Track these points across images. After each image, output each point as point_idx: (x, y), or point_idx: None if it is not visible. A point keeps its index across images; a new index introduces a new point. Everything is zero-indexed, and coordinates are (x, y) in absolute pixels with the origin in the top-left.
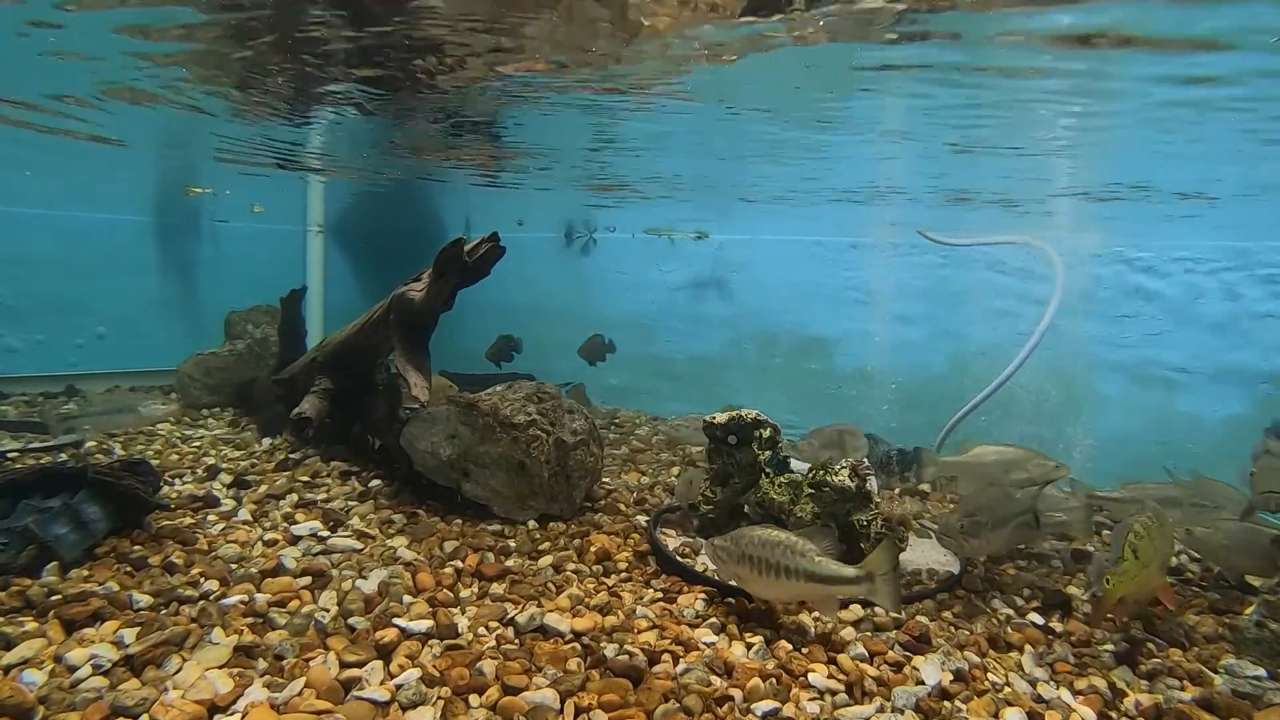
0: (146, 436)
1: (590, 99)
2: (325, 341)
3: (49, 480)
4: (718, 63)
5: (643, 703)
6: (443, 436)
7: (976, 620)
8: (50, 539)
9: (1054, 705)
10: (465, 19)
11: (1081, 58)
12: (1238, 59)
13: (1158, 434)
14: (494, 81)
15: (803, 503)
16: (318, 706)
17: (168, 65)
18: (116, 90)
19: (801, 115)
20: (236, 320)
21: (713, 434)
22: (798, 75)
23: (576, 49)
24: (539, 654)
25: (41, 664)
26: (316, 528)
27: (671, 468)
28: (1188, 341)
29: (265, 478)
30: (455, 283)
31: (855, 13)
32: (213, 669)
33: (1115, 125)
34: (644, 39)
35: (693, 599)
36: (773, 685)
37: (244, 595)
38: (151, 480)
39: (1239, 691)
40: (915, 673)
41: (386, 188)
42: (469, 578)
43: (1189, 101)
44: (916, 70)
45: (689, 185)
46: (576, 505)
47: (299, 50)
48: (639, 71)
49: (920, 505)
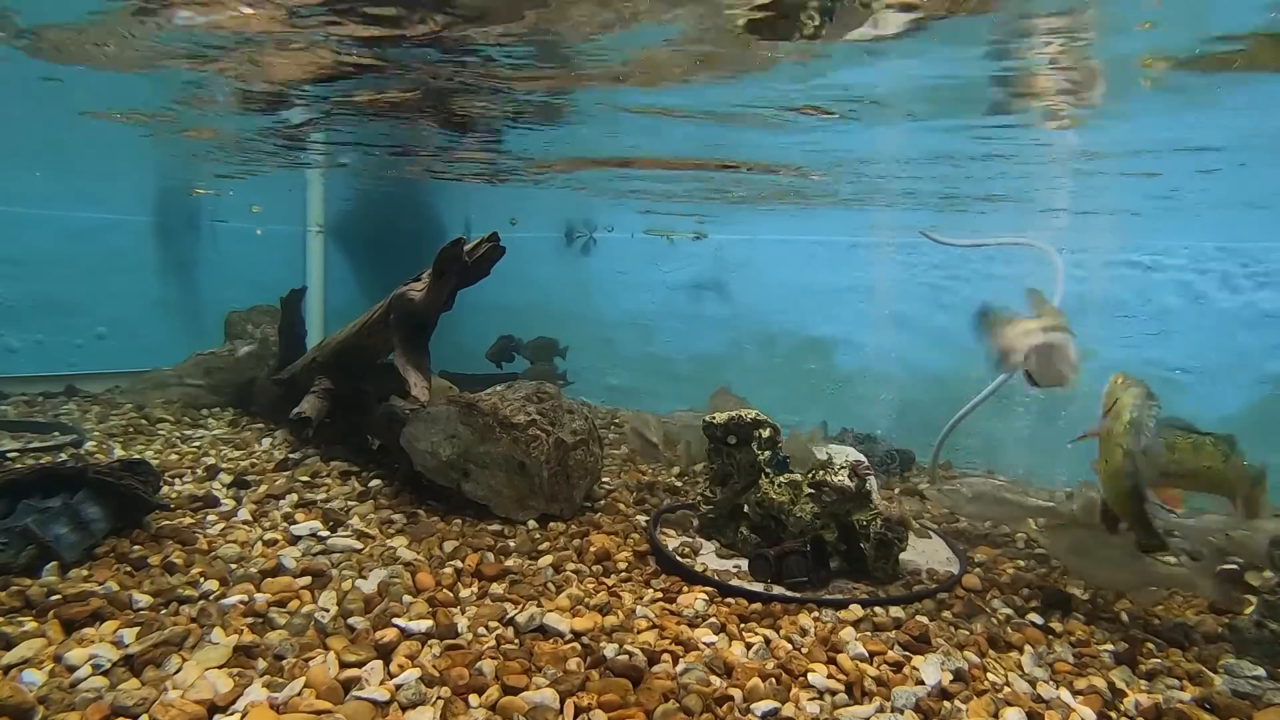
0: (146, 437)
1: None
2: (325, 341)
3: (49, 480)
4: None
5: (642, 703)
6: (443, 436)
7: (976, 620)
8: (50, 539)
9: (1054, 705)
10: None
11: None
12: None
13: None
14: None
15: (802, 503)
16: (317, 706)
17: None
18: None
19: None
20: (236, 320)
21: (713, 434)
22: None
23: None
24: (539, 654)
25: (41, 664)
26: (316, 528)
27: (672, 468)
28: (1188, 342)
29: (265, 478)
30: (455, 283)
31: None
32: (212, 669)
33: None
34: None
35: (693, 599)
36: (772, 685)
37: (244, 595)
38: (151, 480)
39: (1238, 691)
40: (915, 673)
41: (387, 188)
42: (469, 577)
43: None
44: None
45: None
46: (576, 505)
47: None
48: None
49: (920, 505)
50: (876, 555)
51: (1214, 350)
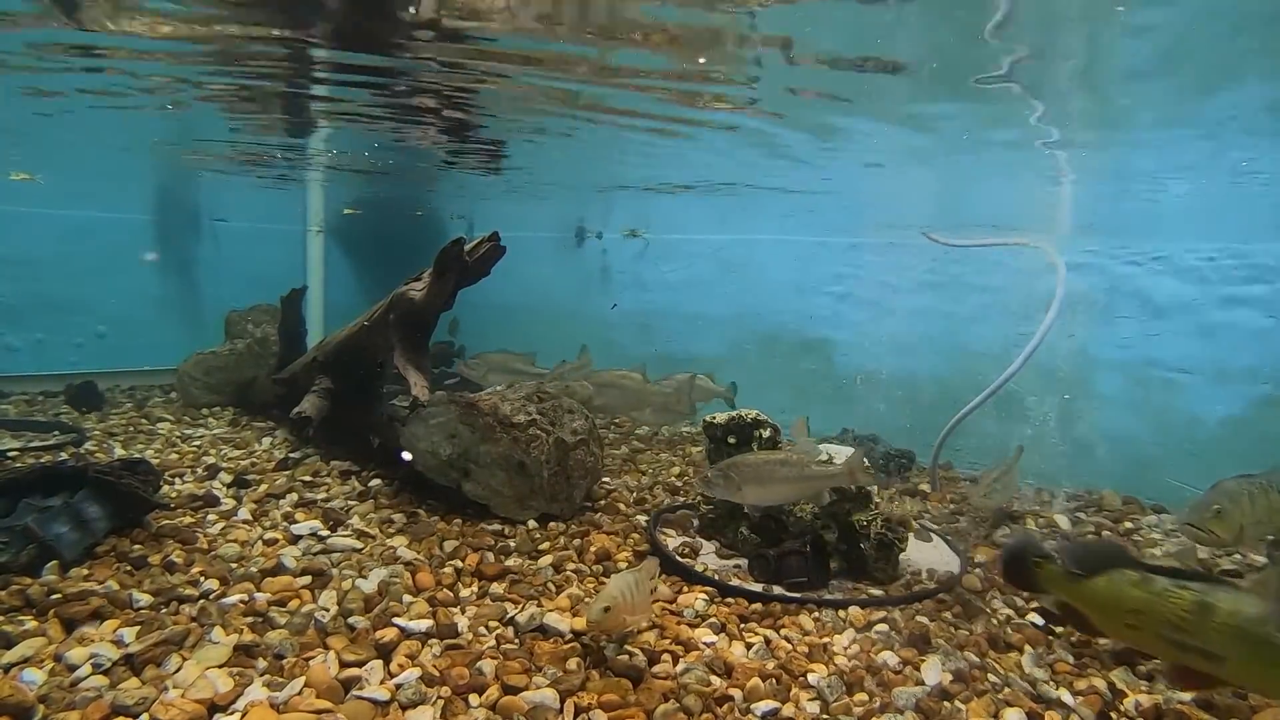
0: (146, 435)
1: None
2: (325, 341)
3: (49, 479)
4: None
5: (642, 703)
6: (443, 436)
7: (976, 620)
8: (50, 538)
9: (1053, 706)
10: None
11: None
12: None
13: (1157, 435)
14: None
15: (802, 503)
16: (317, 706)
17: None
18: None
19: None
20: (237, 320)
21: (713, 434)
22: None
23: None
24: (539, 653)
25: (41, 663)
26: (316, 527)
27: (672, 468)
28: (1188, 342)
29: (265, 477)
30: (455, 282)
31: None
32: (213, 668)
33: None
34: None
35: (693, 599)
36: (772, 685)
37: (244, 594)
38: (152, 479)
39: (1238, 692)
40: (915, 673)
41: (387, 187)
42: (469, 577)
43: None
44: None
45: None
46: (576, 505)
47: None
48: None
49: (920, 505)
50: (877, 555)
51: (1214, 350)
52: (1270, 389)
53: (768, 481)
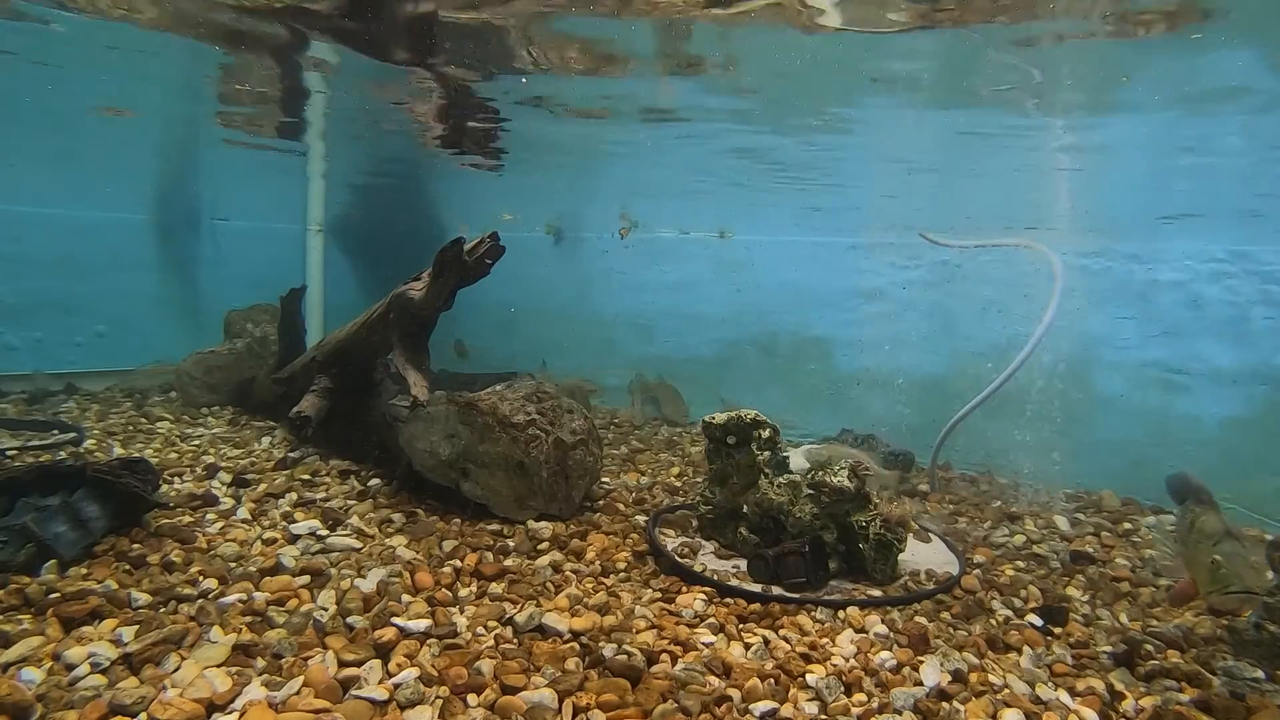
0: (145, 435)
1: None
2: (325, 340)
3: (48, 478)
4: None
5: (641, 703)
6: (442, 436)
7: (975, 621)
8: (49, 537)
9: (1052, 706)
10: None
11: None
12: None
13: (1157, 435)
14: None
15: (801, 503)
16: (316, 705)
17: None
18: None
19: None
20: (236, 319)
21: (712, 434)
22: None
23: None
24: (537, 653)
25: (40, 662)
26: (315, 526)
27: (671, 468)
28: (1187, 343)
29: (264, 476)
30: (455, 282)
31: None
32: (211, 667)
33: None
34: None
35: (691, 599)
36: (771, 685)
37: (243, 594)
38: (150, 478)
39: (1237, 693)
40: (914, 673)
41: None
42: (468, 577)
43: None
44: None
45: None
46: (576, 505)
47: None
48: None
49: (920, 505)
50: (876, 556)
51: (1213, 351)
52: (1270, 389)
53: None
